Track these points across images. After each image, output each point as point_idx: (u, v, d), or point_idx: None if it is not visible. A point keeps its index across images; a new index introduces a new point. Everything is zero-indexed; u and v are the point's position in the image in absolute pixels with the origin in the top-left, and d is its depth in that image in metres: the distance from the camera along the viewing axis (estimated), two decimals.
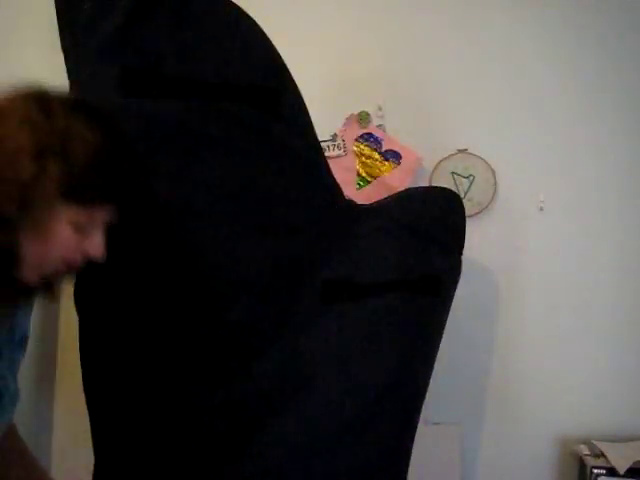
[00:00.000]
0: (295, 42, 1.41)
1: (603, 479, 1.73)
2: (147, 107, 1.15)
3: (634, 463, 1.71)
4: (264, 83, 1.26)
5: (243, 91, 1.23)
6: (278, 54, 1.29)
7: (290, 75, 1.30)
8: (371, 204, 1.46)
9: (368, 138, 1.95)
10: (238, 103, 1.23)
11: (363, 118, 1.95)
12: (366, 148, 1.95)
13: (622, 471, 1.71)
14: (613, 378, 1.93)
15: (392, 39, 1.97)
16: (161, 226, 1.17)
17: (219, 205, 1.21)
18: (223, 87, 1.21)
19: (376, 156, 1.94)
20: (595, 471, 1.74)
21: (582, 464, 1.82)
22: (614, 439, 1.87)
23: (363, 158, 1.94)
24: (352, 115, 1.95)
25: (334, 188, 1.37)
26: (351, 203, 1.42)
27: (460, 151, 1.95)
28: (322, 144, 1.48)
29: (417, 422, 1.41)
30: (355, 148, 1.95)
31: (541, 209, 1.95)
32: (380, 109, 1.96)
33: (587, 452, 1.82)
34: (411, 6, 1.97)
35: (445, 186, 1.86)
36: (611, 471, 1.72)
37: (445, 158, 1.96)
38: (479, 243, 1.88)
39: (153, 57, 1.17)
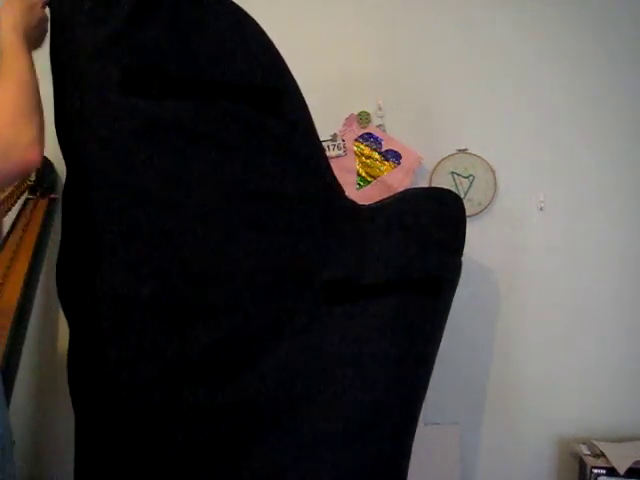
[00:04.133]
0: (295, 42, 1.41)
1: (603, 479, 1.73)
2: (147, 107, 1.15)
3: (634, 463, 1.71)
4: (265, 83, 1.25)
5: (244, 91, 1.23)
6: (279, 54, 1.28)
7: (291, 75, 1.30)
8: (371, 204, 1.46)
9: (368, 138, 1.95)
10: (239, 103, 1.22)
11: (363, 118, 1.95)
12: (366, 148, 1.95)
13: (622, 471, 1.71)
14: (613, 378, 1.93)
15: (392, 39, 1.98)
16: (160, 226, 1.16)
17: (221, 205, 1.21)
18: (224, 87, 1.21)
19: (376, 156, 1.94)
20: (595, 471, 1.74)
21: (582, 464, 1.82)
22: (614, 439, 1.87)
23: (363, 158, 1.94)
24: (352, 115, 1.95)
25: (335, 188, 1.37)
26: (352, 203, 1.42)
27: (460, 151, 1.95)
28: (322, 144, 1.48)
29: (417, 422, 1.41)
30: (355, 148, 1.95)
31: (541, 209, 1.95)
32: (380, 109, 1.96)
33: (587, 452, 1.82)
34: (411, 6, 1.97)
35: (445, 186, 1.87)
36: (611, 471, 1.72)
37: (445, 158, 1.96)
38: (479, 243, 1.88)
39: (153, 57, 1.17)
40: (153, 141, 1.15)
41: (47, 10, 1.16)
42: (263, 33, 1.27)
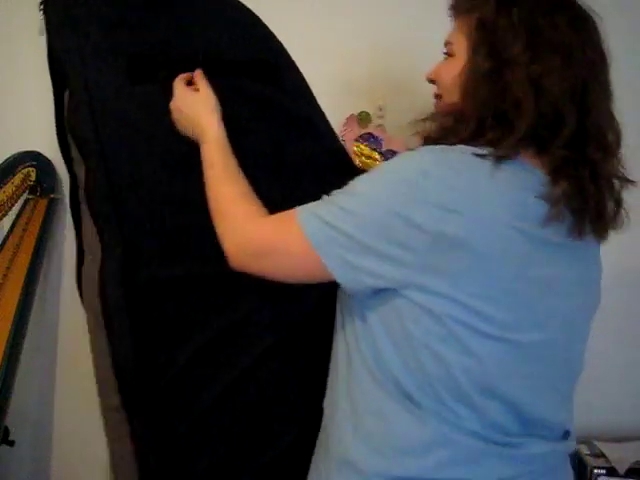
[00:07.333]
0: (295, 42, 1.41)
1: (603, 479, 1.73)
2: (157, 92, 1.15)
3: (634, 463, 1.71)
4: (265, 58, 1.29)
5: (246, 66, 1.26)
6: (276, 38, 1.32)
7: (289, 55, 1.33)
8: None
9: (368, 138, 1.95)
10: (242, 78, 1.24)
11: (363, 118, 1.95)
12: (366, 148, 1.95)
13: (622, 471, 1.71)
14: (613, 378, 1.93)
15: (392, 39, 1.97)
16: (171, 209, 1.16)
17: None
18: (227, 64, 1.24)
19: (376, 156, 1.94)
20: (595, 471, 1.74)
21: (582, 464, 1.82)
22: (614, 439, 1.87)
23: (363, 158, 1.94)
24: (352, 115, 1.95)
25: (343, 155, 1.39)
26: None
27: None
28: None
29: None
30: (355, 148, 1.95)
31: None
32: (380, 109, 1.96)
33: (587, 452, 1.82)
34: (411, 6, 1.97)
35: None
36: (611, 471, 1.72)
37: None
38: None
39: (156, 42, 1.19)
40: (163, 125, 1.15)
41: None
42: (259, 19, 1.33)
